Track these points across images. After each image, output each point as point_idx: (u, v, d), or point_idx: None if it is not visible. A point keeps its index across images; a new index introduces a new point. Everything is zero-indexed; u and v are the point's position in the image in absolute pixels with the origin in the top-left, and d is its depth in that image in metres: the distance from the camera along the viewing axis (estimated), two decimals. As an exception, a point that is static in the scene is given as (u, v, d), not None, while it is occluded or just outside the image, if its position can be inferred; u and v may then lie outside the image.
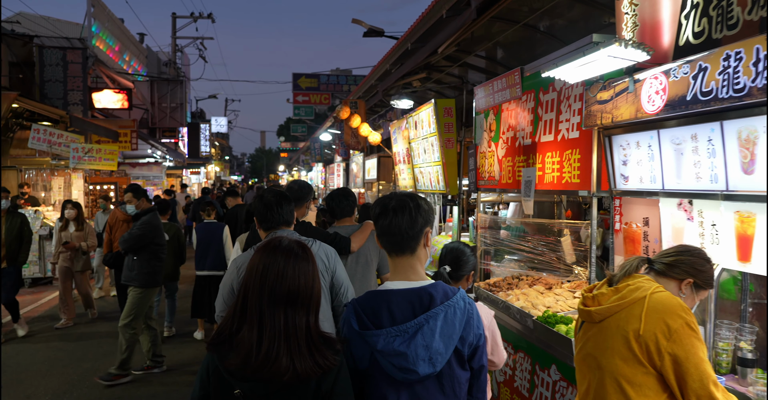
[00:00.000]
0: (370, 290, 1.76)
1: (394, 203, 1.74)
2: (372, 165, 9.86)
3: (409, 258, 1.73)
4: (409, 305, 1.65)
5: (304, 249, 1.68)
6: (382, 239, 1.75)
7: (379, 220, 1.74)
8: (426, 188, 6.55)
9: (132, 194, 5.42)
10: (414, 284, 1.70)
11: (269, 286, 1.59)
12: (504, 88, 4.11)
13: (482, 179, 4.63)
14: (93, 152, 11.66)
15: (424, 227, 1.74)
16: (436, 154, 5.89)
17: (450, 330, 1.63)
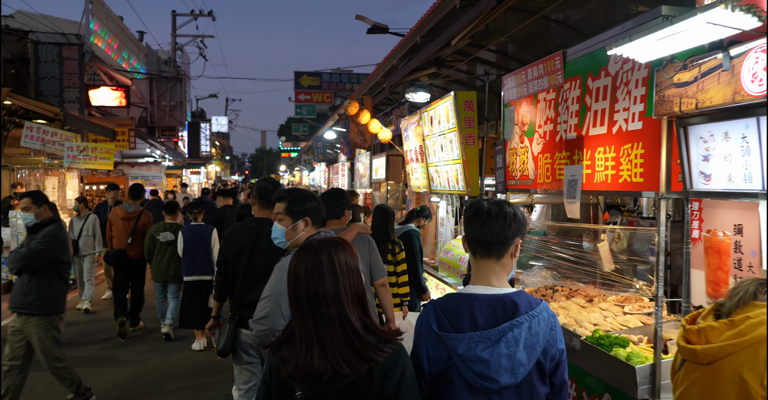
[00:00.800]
0: (451, 293, 1.74)
1: (490, 205, 1.72)
2: (380, 164, 9.39)
3: (494, 263, 1.70)
4: (492, 311, 1.63)
5: (332, 245, 1.63)
6: (472, 240, 1.72)
7: (472, 221, 1.72)
8: (442, 189, 6.07)
9: (30, 200, 4.28)
10: (497, 290, 1.68)
11: (296, 287, 1.58)
12: (541, 76, 3.64)
13: (512, 179, 4.16)
14: (88, 151, 11.19)
15: (516, 236, 1.71)
16: (456, 152, 5.42)
17: (533, 341, 1.60)
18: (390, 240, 4.92)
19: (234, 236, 3.54)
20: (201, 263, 5.99)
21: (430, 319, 1.66)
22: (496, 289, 1.68)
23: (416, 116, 6.78)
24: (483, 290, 1.68)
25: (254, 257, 3.38)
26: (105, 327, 7.08)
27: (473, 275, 1.75)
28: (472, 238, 1.72)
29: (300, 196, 2.70)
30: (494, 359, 1.56)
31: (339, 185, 13.96)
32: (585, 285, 4.06)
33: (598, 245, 4.36)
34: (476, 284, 1.71)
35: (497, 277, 1.71)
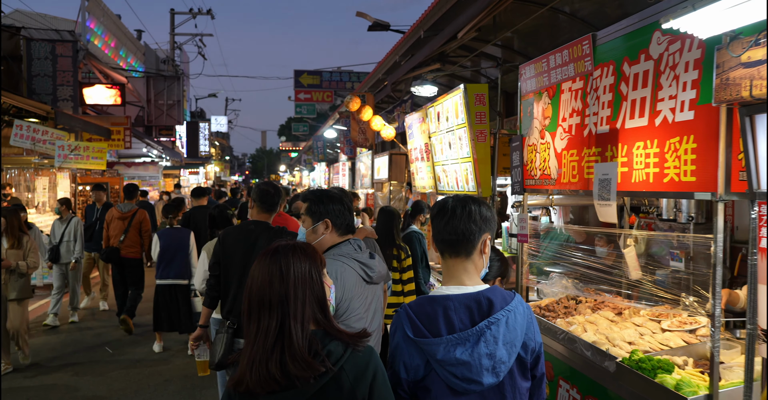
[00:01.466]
0: (422, 296, 1.68)
1: (454, 202, 1.71)
2: (382, 163, 9.00)
3: (463, 261, 1.67)
4: (468, 311, 1.58)
5: (291, 250, 1.56)
6: (438, 239, 1.70)
7: (437, 218, 1.70)
8: (450, 189, 5.68)
9: None
10: (470, 289, 1.64)
11: (249, 292, 1.54)
12: (565, 63, 3.25)
13: (531, 178, 3.77)
14: (80, 150, 10.80)
15: (484, 231, 1.68)
16: (465, 150, 5.03)
17: (512, 337, 1.57)
18: (395, 245, 4.54)
19: (231, 238, 3.45)
20: (178, 267, 5.93)
21: (405, 325, 1.61)
22: (469, 288, 1.63)
23: (421, 112, 6.39)
24: (456, 290, 1.63)
25: (250, 260, 3.27)
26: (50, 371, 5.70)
27: (444, 276, 1.70)
28: (438, 237, 1.69)
29: (323, 196, 2.58)
30: (474, 360, 1.52)
31: (340, 186, 13.58)
32: (612, 296, 3.68)
33: (624, 251, 3.97)
34: (448, 284, 1.66)
35: (468, 275, 1.66)
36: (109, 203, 8.43)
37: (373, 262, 2.48)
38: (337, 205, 2.55)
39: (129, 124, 15.15)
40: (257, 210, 3.52)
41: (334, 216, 2.52)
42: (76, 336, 6.81)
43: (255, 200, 3.54)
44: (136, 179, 19.51)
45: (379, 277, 2.51)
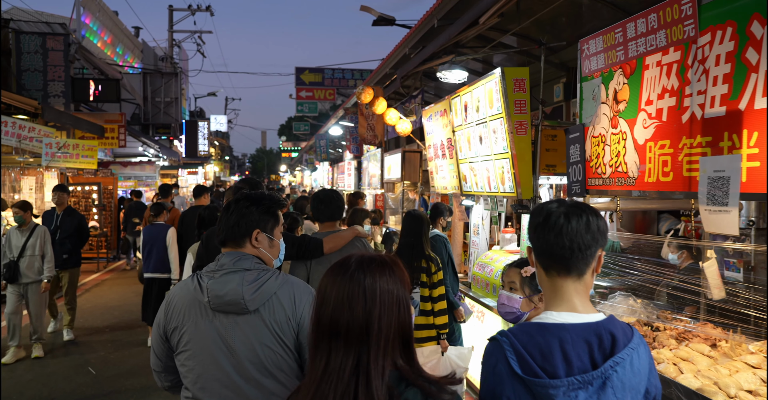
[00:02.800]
0: (527, 323, 1.40)
1: (565, 208, 1.39)
2: (394, 162, 8.31)
3: (574, 282, 1.39)
4: (586, 346, 1.32)
5: (377, 266, 1.29)
6: (543, 253, 1.39)
7: (543, 227, 1.38)
8: (479, 190, 4.99)
9: None
10: (587, 317, 1.36)
11: (319, 314, 1.28)
12: (652, 31, 2.56)
13: (597, 177, 3.07)
14: (69, 148, 10.11)
15: (599, 246, 1.40)
16: (501, 144, 4.33)
17: (636, 381, 1.33)
18: (425, 256, 3.85)
19: (215, 240, 3.30)
20: (155, 261, 6.11)
21: (510, 358, 1.34)
22: (584, 316, 1.37)
23: (443, 104, 5.70)
24: (570, 318, 1.37)
25: None
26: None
27: (550, 298, 1.43)
28: (544, 251, 1.41)
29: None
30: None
31: (345, 186, 12.89)
32: (700, 323, 2.98)
33: (704, 266, 3.29)
34: (558, 308, 1.39)
35: (581, 299, 1.39)
36: (71, 209, 7.10)
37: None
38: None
39: (124, 121, 14.45)
40: None
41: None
42: (47, 383, 5.25)
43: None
44: (132, 179, 18.83)
45: (221, 302, 1.94)
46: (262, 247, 1.96)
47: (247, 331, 1.83)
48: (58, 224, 6.80)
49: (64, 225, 6.80)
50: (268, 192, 2.19)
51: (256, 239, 1.95)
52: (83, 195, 13.21)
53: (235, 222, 1.95)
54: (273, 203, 2.04)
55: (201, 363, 1.84)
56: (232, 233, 1.96)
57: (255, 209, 1.97)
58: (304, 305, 1.88)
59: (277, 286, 1.88)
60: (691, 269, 3.54)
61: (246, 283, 1.84)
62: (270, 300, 1.85)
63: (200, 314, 1.86)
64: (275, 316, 1.84)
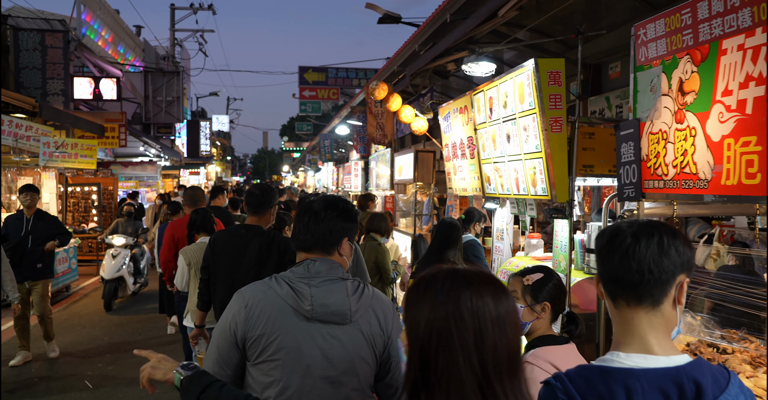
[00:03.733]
0: (587, 365, 1.18)
1: (634, 227, 1.20)
2: (406, 162, 7.94)
3: (648, 312, 1.17)
4: (662, 398, 1.09)
5: (474, 280, 1.09)
6: (609, 280, 1.21)
7: (607, 249, 1.21)
8: (505, 193, 4.63)
9: None
10: (664, 360, 1.13)
11: (414, 339, 1.06)
12: (731, 10, 2.21)
13: (657, 178, 2.72)
14: (67, 148, 9.76)
15: (681, 271, 1.18)
16: (533, 143, 3.97)
17: None
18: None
19: (221, 241, 3.47)
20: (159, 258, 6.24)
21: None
22: (661, 358, 1.13)
23: (462, 100, 5.34)
24: (642, 361, 1.13)
25: (239, 265, 3.29)
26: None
27: (619, 337, 1.19)
28: (610, 277, 1.20)
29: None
30: None
31: (352, 187, 12.53)
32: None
33: (770, 277, 2.94)
34: (627, 349, 1.16)
35: (658, 337, 1.15)
36: (42, 212, 6.32)
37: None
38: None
39: (124, 120, 14.11)
40: (249, 214, 3.50)
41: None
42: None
43: (246, 204, 3.53)
44: (133, 180, 18.51)
45: (326, 311, 1.80)
46: (346, 255, 1.94)
47: (346, 342, 1.79)
48: (29, 230, 5.93)
49: (36, 231, 5.96)
50: (337, 197, 2.10)
51: (342, 247, 1.92)
52: (83, 196, 12.89)
53: (326, 230, 1.89)
54: (355, 211, 2.02)
55: (292, 374, 1.75)
56: (324, 241, 1.90)
57: (343, 217, 1.93)
58: (393, 319, 1.89)
59: (371, 297, 1.87)
60: (752, 280, 3.18)
61: (350, 293, 1.81)
62: (366, 311, 1.84)
63: (294, 322, 1.77)
64: (371, 328, 1.82)
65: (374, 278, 4.79)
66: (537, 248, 4.98)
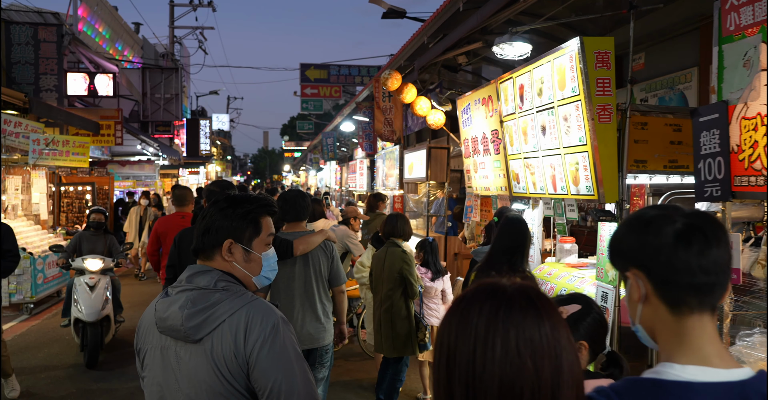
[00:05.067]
0: (637, 378, 1.04)
1: (697, 219, 1.06)
2: (417, 160, 7.44)
3: (710, 320, 1.05)
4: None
5: (525, 299, 0.91)
6: (672, 283, 1.04)
7: (673, 247, 1.04)
8: (538, 192, 4.12)
9: None
10: (725, 374, 1.00)
11: (450, 367, 0.91)
12: None
13: (752, 174, 2.21)
14: (58, 145, 9.26)
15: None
16: (576, 135, 3.47)
17: None
18: (522, 275, 3.00)
19: (186, 241, 3.46)
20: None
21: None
22: (722, 372, 1.00)
23: (486, 90, 4.84)
24: (702, 374, 1.00)
25: None
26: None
27: (671, 346, 1.05)
28: (676, 280, 1.04)
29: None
30: None
31: (357, 187, 12.03)
32: None
33: None
34: (684, 361, 1.02)
35: (717, 347, 1.03)
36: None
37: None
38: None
39: (121, 117, 13.60)
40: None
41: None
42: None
43: (207, 200, 3.53)
44: (130, 179, 18.03)
45: (165, 326, 1.58)
46: (235, 260, 1.65)
47: (190, 364, 1.54)
48: None
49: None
50: (259, 193, 1.68)
51: (229, 250, 1.64)
52: (76, 196, 12.38)
53: (205, 229, 1.66)
54: (256, 206, 1.69)
55: (151, 394, 1.63)
56: (201, 243, 1.67)
57: (230, 212, 1.66)
58: (257, 337, 1.51)
59: (229, 311, 1.53)
60: None
61: (190, 305, 1.53)
62: (218, 329, 1.52)
63: (157, 337, 1.62)
64: (222, 349, 1.51)
65: (397, 290, 4.27)
66: (571, 253, 4.48)
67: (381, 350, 4.44)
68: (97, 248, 6.04)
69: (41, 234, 9.21)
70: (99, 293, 5.62)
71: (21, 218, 9.23)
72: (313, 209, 5.79)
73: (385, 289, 4.35)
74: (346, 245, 5.02)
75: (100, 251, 6.04)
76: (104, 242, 6.15)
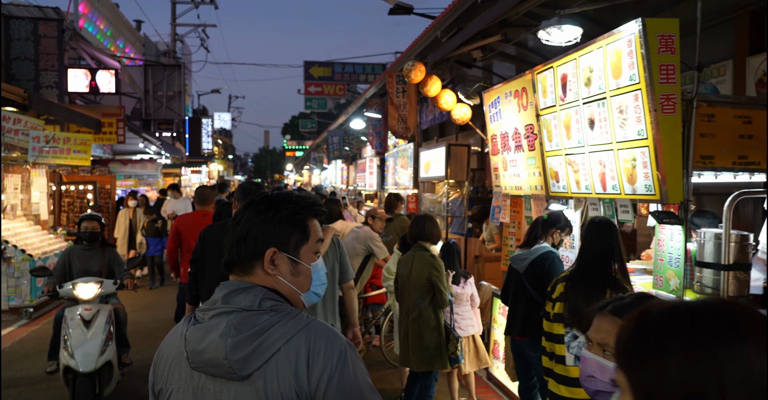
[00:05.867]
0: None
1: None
2: (434, 158, 7.10)
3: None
4: None
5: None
6: None
7: None
8: (583, 191, 3.78)
9: None
10: None
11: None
12: None
13: None
14: (59, 142, 8.93)
15: None
16: (634, 127, 3.13)
17: None
18: (613, 283, 2.65)
19: (211, 236, 3.51)
20: None
21: None
22: None
23: (519, 82, 4.50)
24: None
25: None
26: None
27: None
28: None
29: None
30: None
31: (366, 186, 11.69)
32: None
33: None
34: None
35: None
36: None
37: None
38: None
39: (123, 114, 13.25)
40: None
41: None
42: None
43: (238, 200, 3.48)
44: (132, 178, 17.67)
45: (200, 361, 1.24)
46: (281, 274, 1.33)
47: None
48: None
49: None
50: (300, 192, 1.47)
51: (272, 261, 1.32)
52: (77, 195, 12.02)
53: (240, 237, 1.33)
54: (301, 207, 1.36)
55: None
56: (236, 254, 1.34)
57: (271, 215, 1.33)
58: (322, 369, 1.20)
59: (284, 337, 1.21)
60: None
61: (233, 332, 1.20)
62: (272, 360, 1.20)
63: (186, 375, 1.28)
64: (278, 386, 1.19)
65: (426, 298, 3.92)
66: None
67: (407, 364, 4.09)
68: (93, 267, 4.63)
69: (41, 235, 8.87)
70: (97, 331, 4.17)
71: (20, 219, 8.89)
72: (330, 209, 5.45)
73: (412, 297, 4.01)
74: (369, 248, 4.68)
75: (97, 271, 4.62)
76: (101, 258, 4.69)
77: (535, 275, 3.33)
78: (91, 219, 4.79)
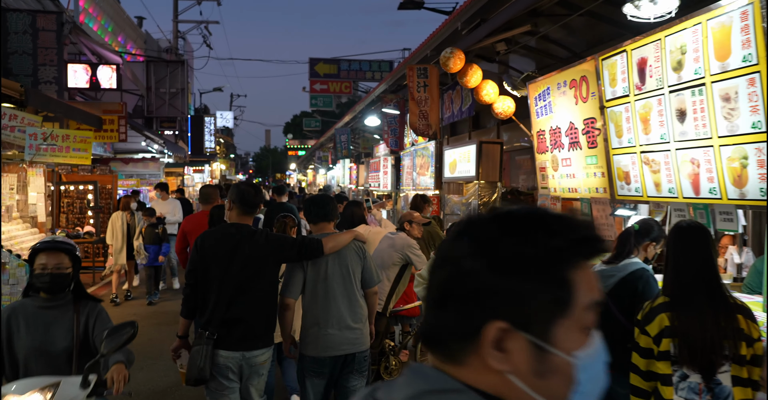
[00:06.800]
0: None
1: None
2: (462, 156, 6.56)
3: None
4: None
5: None
6: None
7: None
8: (664, 195, 3.24)
9: None
10: None
11: None
12: None
13: None
14: (58, 140, 8.39)
15: None
16: (747, 120, 2.60)
17: None
18: (732, 307, 2.13)
19: (208, 242, 3.25)
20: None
21: None
22: None
23: (574, 70, 3.97)
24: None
25: (232, 267, 3.10)
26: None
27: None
28: None
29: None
30: None
31: (381, 186, 11.15)
32: None
33: None
34: None
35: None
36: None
37: None
38: None
39: (124, 111, 12.71)
40: (237, 212, 3.24)
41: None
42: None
43: (236, 202, 3.24)
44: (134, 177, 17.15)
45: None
46: (514, 370, 0.73)
47: None
48: None
49: None
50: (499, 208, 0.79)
51: (499, 346, 0.74)
52: (77, 195, 11.48)
53: (442, 293, 0.77)
54: (568, 241, 0.74)
55: None
56: (434, 326, 0.79)
57: (511, 254, 0.74)
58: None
59: None
60: None
61: None
62: None
63: None
64: None
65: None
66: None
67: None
68: (55, 342, 2.48)
69: (39, 238, 8.35)
70: None
71: (16, 221, 8.36)
72: (353, 213, 4.95)
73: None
74: (407, 257, 4.15)
75: (61, 349, 2.48)
76: (74, 322, 2.52)
77: (624, 297, 2.79)
78: (54, 250, 2.50)
